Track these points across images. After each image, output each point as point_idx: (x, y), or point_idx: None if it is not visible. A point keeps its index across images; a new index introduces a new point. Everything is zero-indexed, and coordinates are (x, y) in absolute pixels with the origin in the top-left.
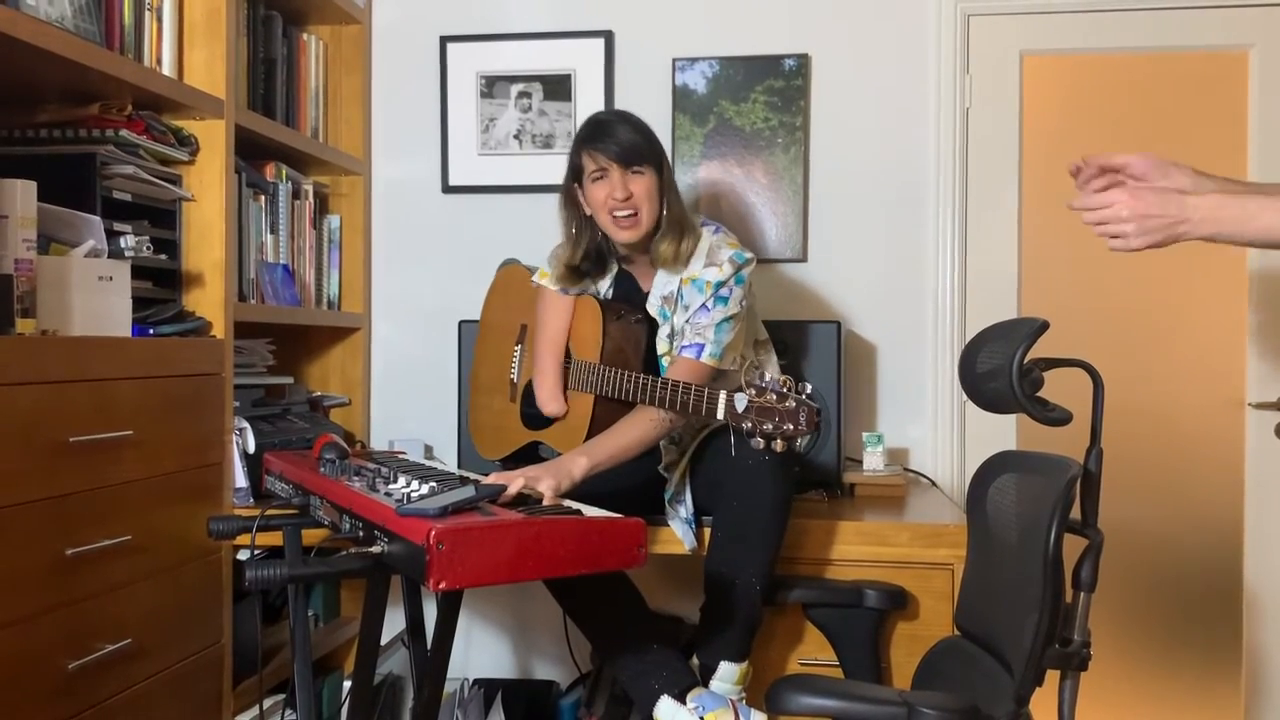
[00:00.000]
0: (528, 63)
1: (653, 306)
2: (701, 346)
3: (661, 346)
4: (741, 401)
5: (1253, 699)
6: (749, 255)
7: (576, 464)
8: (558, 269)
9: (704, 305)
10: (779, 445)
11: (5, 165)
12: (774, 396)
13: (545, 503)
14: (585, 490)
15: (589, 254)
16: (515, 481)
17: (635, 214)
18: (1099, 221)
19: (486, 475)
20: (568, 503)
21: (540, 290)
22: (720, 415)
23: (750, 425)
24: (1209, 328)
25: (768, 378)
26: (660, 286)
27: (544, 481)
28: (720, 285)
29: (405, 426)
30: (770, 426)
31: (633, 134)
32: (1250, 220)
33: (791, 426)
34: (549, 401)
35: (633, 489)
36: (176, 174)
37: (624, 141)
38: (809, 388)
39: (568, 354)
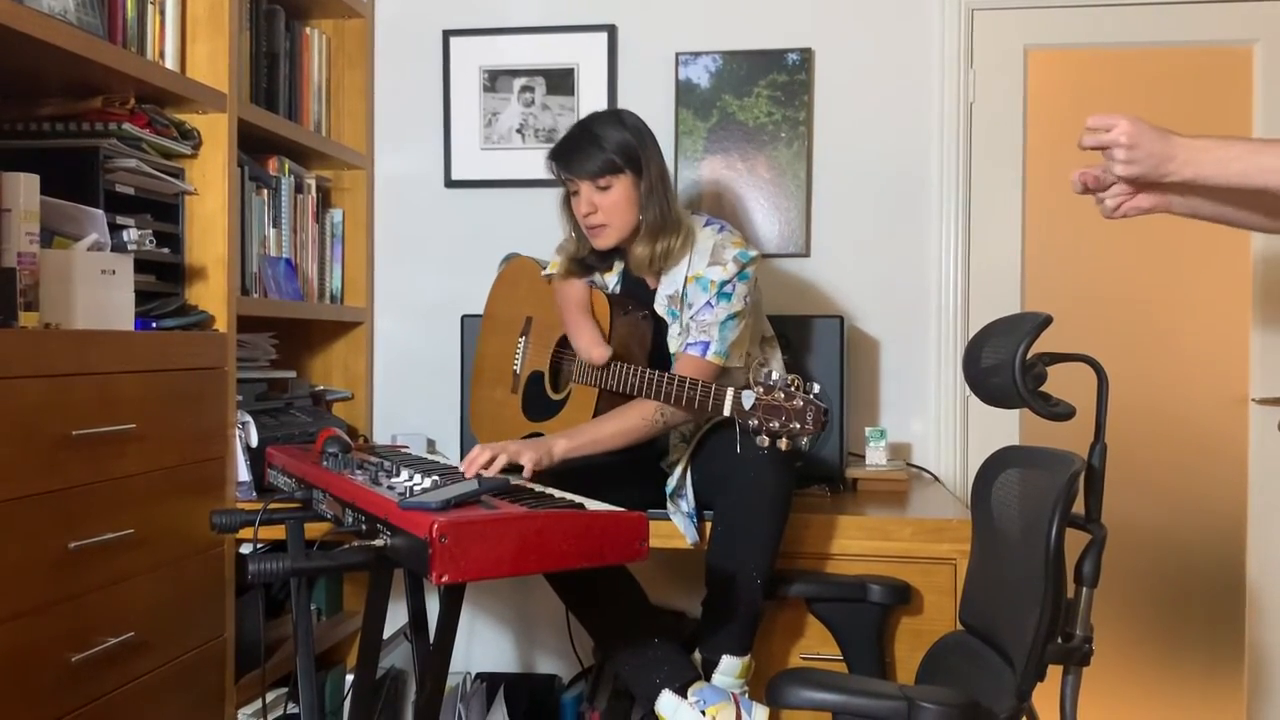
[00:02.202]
0: (530, 57)
1: (660, 306)
2: (706, 344)
3: (673, 345)
4: (749, 398)
5: (1255, 694)
6: (754, 253)
7: (557, 444)
8: (564, 263)
9: (708, 302)
10: (784, 444)
11: (8, 159)
12: (781, 395)
13: (524, 475)
14: (586, 487)
15: (592, 249)
16: (499, 457)
17: (605, 224)
18: (1098, 144)
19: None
20: (570, 496)
21: (555, 281)
22: (727, 411)
23: (756, 422)
24: (1213, 323)
25: (775, 376)
26: (666, 286)
27: (525, 455)
28: (725, 283)
29: (408, 421)
30: (777, 425)
31: (597, 149)
32: (1230, 163)
33: (798, 425)
34: (592, 347)
35: (635, 483)
36: (179, 168)
37: (586, 160)
38: (816, 387)
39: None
